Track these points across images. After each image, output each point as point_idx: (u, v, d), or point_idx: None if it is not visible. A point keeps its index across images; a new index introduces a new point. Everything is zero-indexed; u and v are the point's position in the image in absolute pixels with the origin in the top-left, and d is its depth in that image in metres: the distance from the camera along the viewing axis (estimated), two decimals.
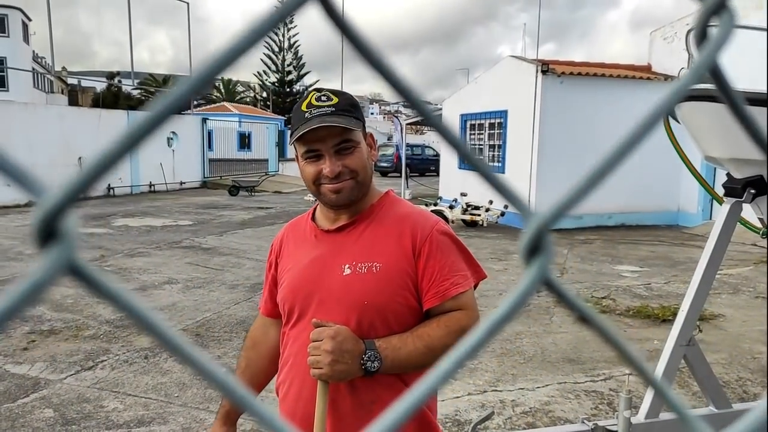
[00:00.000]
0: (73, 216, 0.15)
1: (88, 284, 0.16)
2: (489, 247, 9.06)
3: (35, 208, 0.15)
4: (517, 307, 0.22)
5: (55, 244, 0.15)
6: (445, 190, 14.10)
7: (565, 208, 0.23)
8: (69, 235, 0.15)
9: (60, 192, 0.15)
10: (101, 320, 5.08)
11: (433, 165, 25.27)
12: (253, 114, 32.84)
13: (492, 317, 0.21)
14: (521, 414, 3.52)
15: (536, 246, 0.22)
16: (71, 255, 0.15)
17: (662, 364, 2.83)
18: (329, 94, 1.27)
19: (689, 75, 0.24)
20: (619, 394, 3.10)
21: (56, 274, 0.15)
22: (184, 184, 18.45)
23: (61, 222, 0.15)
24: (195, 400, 3.59)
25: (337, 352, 1.16)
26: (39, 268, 0.15)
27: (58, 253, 0.15)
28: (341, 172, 1.25)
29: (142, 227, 10.45)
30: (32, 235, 0.16)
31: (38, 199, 0.15)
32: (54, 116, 14.87)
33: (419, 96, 0.21)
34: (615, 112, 10.97)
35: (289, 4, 0.18)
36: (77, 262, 0.16)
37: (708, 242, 2.79)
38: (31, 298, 0.15)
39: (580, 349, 4.62)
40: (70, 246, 0.15)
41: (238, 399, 0.19)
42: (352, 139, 1.25)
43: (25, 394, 3.65)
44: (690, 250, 9.12)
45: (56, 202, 0.15)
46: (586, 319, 0.24)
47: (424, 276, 1.27)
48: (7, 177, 0.15)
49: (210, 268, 7.17)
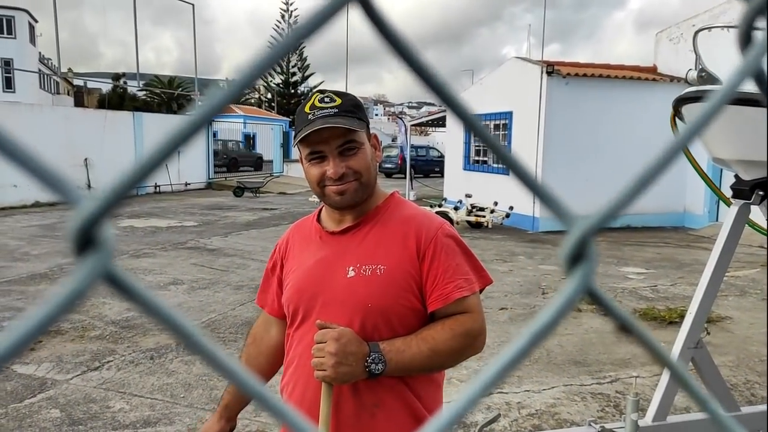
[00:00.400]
0: (109, 225, 0.15)
1: (124, 293, 0.16)
2: (494, 249, 9.04)
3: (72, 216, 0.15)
4: (559, 316, 0.21)
5: (91, 253, 0.15)
6: (449, 192, 14.08)
7: (612, 214, 0.22)
8: (106, 243, 0.15)
9: (97, 201, 0.15)
10: (107, 321, 5.09)
11: (437, 166, 25.25)
12: (258, 115, 32.92)
13: (534, 326, 0.21)
14: (527, 416, 3.51)
15: (579, 253, 0.21)
16: (108, 263, 0.15)
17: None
18: (332, 95, 1.27)
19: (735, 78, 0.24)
20: (626, 397, 3.09)
21: (93, 282, 0.15)
22: (189, 185, 18.51)
23: (98, 230, 0.15)
24: (201, 401, 3.60)
25: (340, 354, 1.16)
26: (76, 277, 0.15)
27: (95, 261, 0.15)
28: (345, 174, 1.24)
29: (148, 228, 10.48)
30: (69, 243, 0.15)
31: (75, 206, 0.15)
32: (60, 117, 14.94)
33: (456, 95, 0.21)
34: (621, 113, 10.94)
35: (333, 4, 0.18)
36: (114, 271, 0.15)
37: (716, 244, 2.77)
38: (69, 306, 0.15)
39: (586, 351, 4.60)
40: (107, 254, 0.15)
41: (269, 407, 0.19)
42: (355, 140, 1.25)
43: (32, 394, 3.66)
44: (696, 251, 9.08)
45: (93, 210, 0.15)
46: (628, 329, 0.24)
47: (428, 278, 1.27)
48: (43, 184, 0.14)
49: (215, 269, 7.18)
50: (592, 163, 10.56)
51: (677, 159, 0.24)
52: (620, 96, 10.97)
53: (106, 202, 0.15)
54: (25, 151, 0.14)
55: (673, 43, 12.22)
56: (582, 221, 0.22)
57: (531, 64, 11.41)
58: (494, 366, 0.20)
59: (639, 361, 4.44)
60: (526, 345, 0.20)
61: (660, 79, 11.50)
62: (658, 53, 12.72)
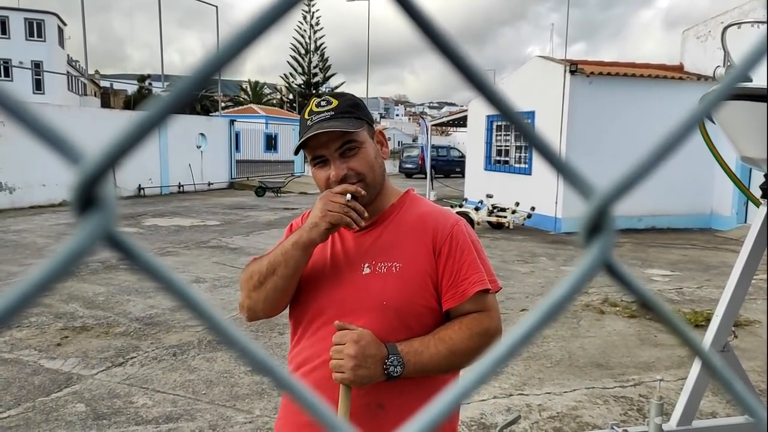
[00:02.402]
0: (111, 183, 0.15)
1: (124, 254, 0.16)
2: (515, 249, 8.96)
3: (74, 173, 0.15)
4: (575, 289, 0.21)
5: (93, 212, 0.15)
6: (470, 192, 13.99)
7: (628, 186, 0.21)
8: (107, 203, 0.15)
9: (98, 158, 0.14)
10: (131, 318, 5.17)
11: (458, 166, 25.13)
12: (280, 116, 33.19)
13: (548, 300, 0.20)
14: (548, 419, 3.46)
15: (597, 225, 0.21)
16: (109, 224, 0.15)
17: (695, 370, 2.76)
18: (329, 98, 1.27)
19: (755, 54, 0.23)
20: (649, 400, 3.03)
21: (94, 242, 0.15)
22: (212, 185, 18.73)
23: (100, 189, 0.15)
24: (222, 398, 3.63)
25: (360, 357, 1.15)
26: (76, 236, 0.15)
27: (96, 221, 0.15)
28: (347, 175, 1.24)
29: (171, 227, 10.63)
30: (70, 201, 0.15)
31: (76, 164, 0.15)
32: (87, 118, 15.26)
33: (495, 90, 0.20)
34: (646, 112, 10.74)
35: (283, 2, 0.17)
36: (115, 232, 0.15)
37: (744, 246, 2.70)
38: (68, 266, 0.15)
39: (609, 354, 4.53)
40: (109, 214, 0.15)
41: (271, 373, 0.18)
42: (354, 139, 1.24)
43: (59, 388, 3.74)
44: (723, 254, 8.88)
45: (95, 168, 0.14)
46: (649, 306, 0.23)
47: (443, 276, 1.26)
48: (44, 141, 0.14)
49: (237, 267, 7.25)
50: (617, 163, 10.31)
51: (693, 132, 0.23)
52: (646, 95, 10.78)
53: (106, 158, 0.14)
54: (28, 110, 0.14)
55: (700, 41, 11.97)
56: (599, 193, 0.21)
57: (554, 63, 11.28)
58: (506, 342, 0.20)
59: (663, 364, 4.35)
60: (540, 319, 0.20)
61: (687, 77, 11.28)
62: (684, 51, 12.48)
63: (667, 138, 0.22)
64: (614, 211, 0.22)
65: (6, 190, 13.00)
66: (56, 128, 0.15)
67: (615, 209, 0.22)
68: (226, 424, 3.31)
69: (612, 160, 6.64)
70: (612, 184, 0.22)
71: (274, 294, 1.28)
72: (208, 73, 0.17)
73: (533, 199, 10.75)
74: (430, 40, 0.20)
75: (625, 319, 5.42)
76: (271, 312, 1.33)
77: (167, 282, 0.16)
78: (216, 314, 0.17)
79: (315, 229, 1.22)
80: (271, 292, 1.27)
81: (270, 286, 1.27)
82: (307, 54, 45.25)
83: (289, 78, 46.32)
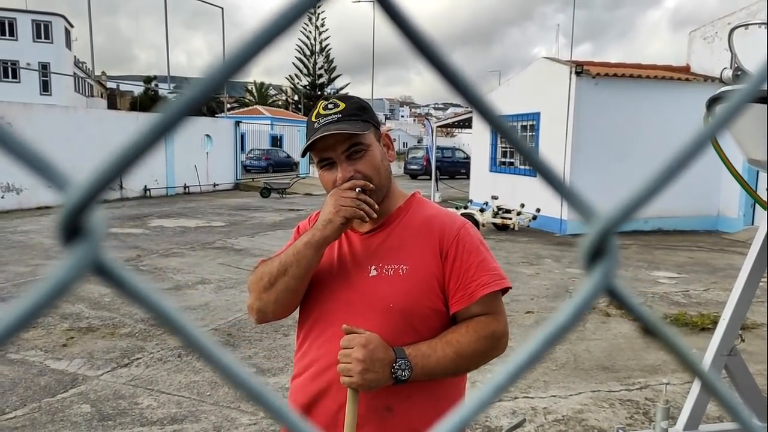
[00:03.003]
0: (99, 212, 0.15)
1: (113, 284, 0.15)
2: (520, 251, 8.94)
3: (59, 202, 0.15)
4: (577, 316, 0.20)
5: (79, 242, 0.14)
6: (475, 193, 13.97)
7: (632, 209, 0.21)
8: (94, 232, 0.15)
9: (84, 187, 0.14)
10: (137, 319, 5.19)
11: (463, 168, 25.10)
12: (285, 117, 33.25)
13: (550, 326, 0.20)
14: (553, 422, 3.45)
15: (599, 250, 0.20)
16: (96, 253, 0.15)
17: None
18: (336, 101, 1.27)
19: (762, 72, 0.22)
20: (656, 404, 3.01)
21: (81, 272, 0.14)
22: (217, 186, 18.78)
23: (86, 218, 0.15)
24: (226, 399, 3.64)
25: (368, 361, 1.15)
26: (63, 266, 0.14)
27: (83, 251, 0.14)
28: (353, 178, 1.24)
29: (177, 228, 10.67)
30: (56, 231, 0.15)
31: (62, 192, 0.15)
32: (93, 119, 15.34)
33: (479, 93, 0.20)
34: (652, 114, 10.70)
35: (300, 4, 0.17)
36: (103, 261, 0.15)
37: (751, 248, 2.68)
38: (55, 296, 0.14)
39: (615, 357, 4.51)
40: (95, 244, 0.15)
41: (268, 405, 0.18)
42: (361, 142, 1.24)
43: (64, 389, 3.75)
44: (730, 256, 8.82)
45: (80, 197, 0.14)
46: (651, 330, 0.23)
47: (450, 278, 1.25)
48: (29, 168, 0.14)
49: (242, 268, 7.26)
50: (622, 166, 10.34)
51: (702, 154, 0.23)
52: (652, 96, 10.73)
53: (93, 187, 0.14)
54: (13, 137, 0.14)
55: (707, 42, 11.92)
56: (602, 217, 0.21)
57: (559, 64, 11.25)
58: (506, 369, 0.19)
59: (669, 367, 4.32)
60: (540, 347, 0.19)
61: (693, 78, 11.22)
62: (691, 52, 12.42)
63: (674, 159, 0.22)
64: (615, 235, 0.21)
65: (13, 191, 13.08)
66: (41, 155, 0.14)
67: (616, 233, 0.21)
68: (230, 426, 3.32)
69: (618, 162, 6.60)
70: (615, 207, 0.21)
71: (285, 294, 1.28)
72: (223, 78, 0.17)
73: (538, 201, 10.71)
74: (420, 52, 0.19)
75: (630, 322, 5.40)
76: (282, 313, 1.33)
77: (157, 310, 0.16)
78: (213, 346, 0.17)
79: (330, 226, 1.22)
80: (282, 292, 1.27)
81: (281, 287, 1.27)
82: (313, 55, 45.34)
83: (294, 79, 46.44)
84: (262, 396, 0.17)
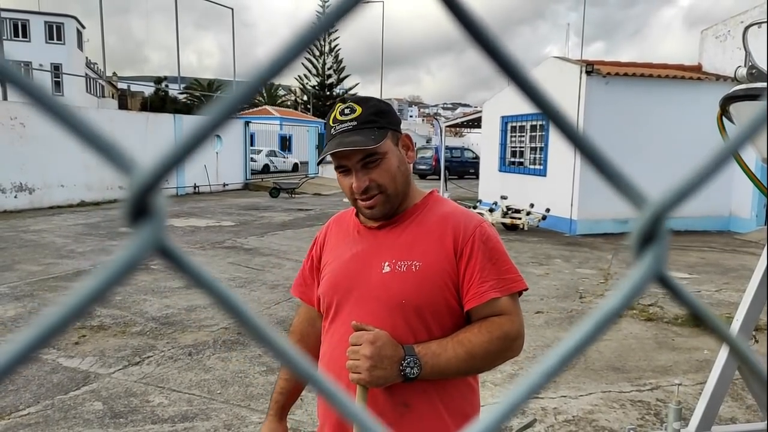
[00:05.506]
0: (162, 194, 0.15)
1: (175, 265, 0.16)
2: (530, 251, 8.91)
3: (127, 184, 0.15)
4: (627, 301, 0.20)
5: (145, 223, 0.15)
6: (484, 193, 13.94)
7: (684, 195, 0.21)
8: (158, 213, 0.15)
9: (150, 170, 0.15)
10: (148, 317, 5.23)
11: (472, 167, 25.04)
12: (294, 117, 33.36)
13: (600, 312, 0.20)
14: (563, 422, 3.43)
15: (650, 235, 0.20)
16: (161, 234, 0.15)
17: (714, 375, 2.71)
18: (353, 105, 1.26)
19: None
20: (667, 405, 2.99)
21: (146, 253, 0.15)
22: (226, 186, 18.87)
23: (152, 200, 0.15)
24: (237, 398, 3.65)
25: (376, 358, 1.15)
26: (130, 246, 0.15)
27: (149, 232, 0.15)
28: (369, 187, 1.24)
29: (187, 227, 10.73)
30: (124, 212, 0.15)
31: (128, 175, 0.15)
32: (105, 119, 15.45)
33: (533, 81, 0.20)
34: (664, 113, 10.62)
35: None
36: (166, 242, 0.15)
37: (765, 248, 2.66)
38: (122, 276, 0.15)
39: (625, 358, 4.48)
40: (160, 225, 0.15)
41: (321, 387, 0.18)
42: (376, 152, 1.24)
43: (77, 386, 3.79)
44: (743, 256, 8.74)
45: (147, 179, 0.15)
46: (701, 318, 0.23)
47: (464, 276, 1.25)
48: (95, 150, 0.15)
49: (251, 268, 7.30)
50: (634, 165, 10.24)
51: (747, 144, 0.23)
52: (663, 96, 10.65)
53: (158, 170, 0.15)
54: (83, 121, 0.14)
55: (719, 41, 11.81)
56: (654, 201, 0.21)
57: (570, 63, 11.20)
58: (554, 356, 0.19)
59: (681, 368, 4.29)
60: (591, 332, 0.19)
61: (705, 77, 11.13)
62: (703, 51, 12.32)
63: (725, 147, 0.22)
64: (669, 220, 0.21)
65: (26, 190, 13.21)
66: (107, 137, 0.15)
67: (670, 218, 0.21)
68: (240, 424, 3.33)
69: (629, 161, 6.57)
70: (667, 192, 0.22)
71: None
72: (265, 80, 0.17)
73: (548, 201, 10.67)
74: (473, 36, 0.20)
75: (641, 323, 5.36)
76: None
77: (214, 291, 0.16)
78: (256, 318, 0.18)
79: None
80: None
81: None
82: (322, 56, 45.45)
83: (303, 80, 46.58)
84: (314, 377, 0.18)
